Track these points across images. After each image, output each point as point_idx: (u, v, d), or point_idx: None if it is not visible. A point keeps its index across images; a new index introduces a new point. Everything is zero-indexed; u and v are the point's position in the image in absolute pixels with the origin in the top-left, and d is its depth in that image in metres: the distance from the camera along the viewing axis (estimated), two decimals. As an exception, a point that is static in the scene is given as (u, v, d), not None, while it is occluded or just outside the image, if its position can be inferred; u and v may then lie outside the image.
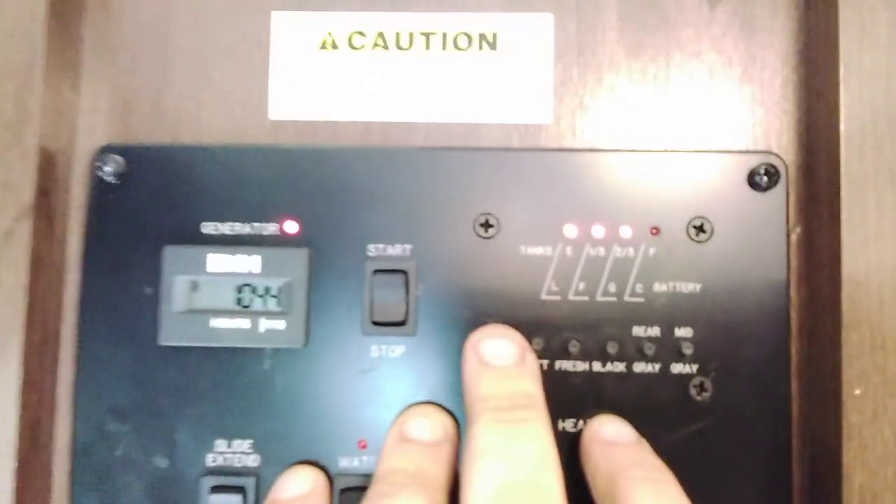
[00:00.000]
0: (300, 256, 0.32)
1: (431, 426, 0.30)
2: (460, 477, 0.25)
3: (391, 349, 0.32)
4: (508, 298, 0.32)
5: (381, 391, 0.32)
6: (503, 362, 0.28)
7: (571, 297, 0.32)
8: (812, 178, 0.32)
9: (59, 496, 0.33)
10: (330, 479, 0.31)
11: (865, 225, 0.29)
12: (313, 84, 0.34)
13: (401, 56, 0.34)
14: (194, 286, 0.32)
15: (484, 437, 0.25)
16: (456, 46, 0.34)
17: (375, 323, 0.32)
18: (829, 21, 0.31)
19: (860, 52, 0.30)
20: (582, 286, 0.32)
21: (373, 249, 0.32)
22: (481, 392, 0.27)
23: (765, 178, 0.32)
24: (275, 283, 0.32)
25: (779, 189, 0.32)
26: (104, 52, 0.34)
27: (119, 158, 0.33)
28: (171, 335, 0.32)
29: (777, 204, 0.32)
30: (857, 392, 0.29)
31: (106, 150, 0.33)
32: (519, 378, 0.27)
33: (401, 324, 0.32)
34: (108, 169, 0.32)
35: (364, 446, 0.32)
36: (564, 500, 0.23)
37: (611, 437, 0.29)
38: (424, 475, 0.27)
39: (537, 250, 0.32)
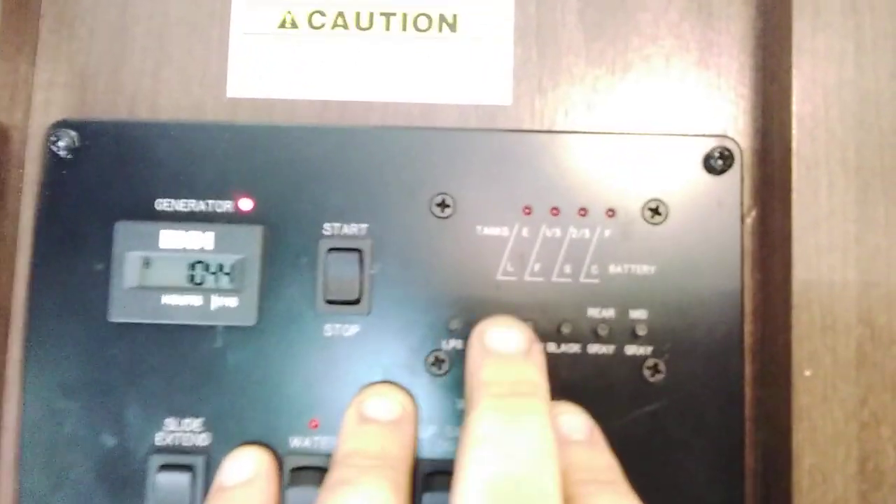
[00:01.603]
0: (254, 233, 0.32)
1: (390, 405, 0.29)
2: (455, 462, 0.23)
3: (345, 328, 0.32)
4: (464, 278, 0.32)
5: (335, 370, 0.32)
6: (508, 350, 0.26)
7: (527, 277, 0.32)
8: (767, 162, 0.32)
9: (6, 474, 0.32)
10: (279, 458, 0.31)
11: (817, 206, 0.29)
12: (272, 62, 0.34)
13: (361, 36, 0.34)
14: (146, 262, 0.32)
15: (482, 424, 0.23)
16: (416, 27, 0.34)
17: (329, 301, 0.32)
18: (783, 5, 0.31)
19: (813, 35, 0.30)
20: (538, 267, 0.32)
21: (328, 228, 0.32)
22: (483, 377, 0.25)
23: (720, 162, 0.32)
24: (228, 261, 0.32)
25: (733, 172, 0.32)
26: (61, 27, 0.34)
27: (73, 133, 0.32)
28: (121, 312, 0.31)
29: (732, 187, 0.32)
30: (808, 373, 0.29)
31: (60, 125, 0.32)
32: (523, 366, 0.26)
33: (355, 302, 0.32)
34: (61, 144, 0.32)
35: (316, 426, 0.31)
36: (560, 496, 0.22)
37: (565, 432, 0.28)
38: (386, 456, 0.26)
39: (494, 231, 0.32)
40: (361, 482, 0.24)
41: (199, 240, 0.32)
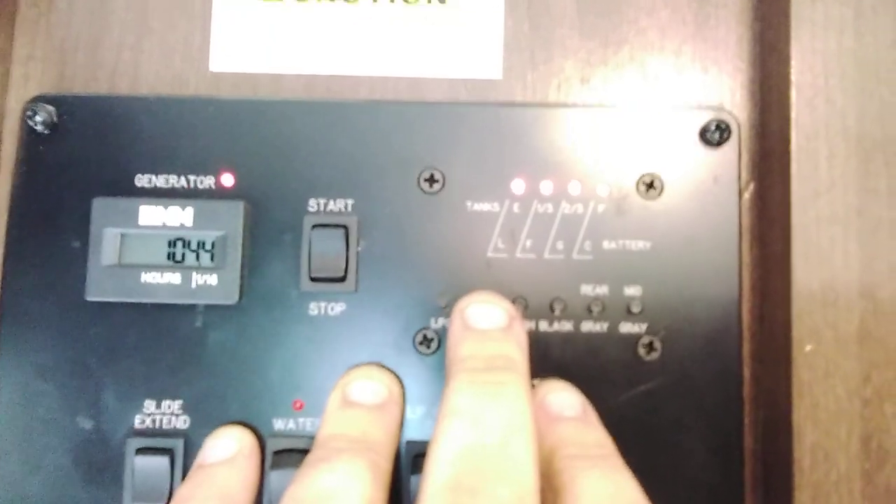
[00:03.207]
0: (235, 209, 0.31)
1: (375, 388, 0.28)
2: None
3: (331, 306, 0.31)
4: (453, 255, 0.31)
5: (320, 350, 0.31)
6: (487, 326, 0.26)
7: (518, 254, 0.31)
8: (765, 136, 0.31)
9: (-22, 459, 0.31)
10: (261, 439, 0.30)
11: (816, 176, 0.28)
12: (256, 36, 0.33)
13: (348, 8, 0.33)
14: (124, 239, 0.31)
15: (456, 397, 0.23)
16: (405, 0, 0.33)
17: (314, 279, 0.30)
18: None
19: (812, 3, 0.29)
20: (529, 243, 0.31)
21: (313, 204, 0.31)
22: (460, 352, 0.25)
23: (716, 135, 0.31)
24: (209, 238, 0.31)
25: (731, 145, 0.31)
26: (40, 0, 0.33)
27: (50, 108, 0.31)
28: (98, 290, 0.30)
29: (729, 160, 0.31)
30: (809, 348, 0.28)
31: (37, 100, 0.31)
32: (501, 342, 0.25)
33: (341, 280, 0.30)
34: (38, 119, 0.31)
35: (300, 407, 0.30)
36: (535, 469, 0.21)
37: (556, 409, 0.27)
38: (366, 440, 0.26)
39: (484, 206, 0.31)
40: (339, 460, 0.24)
41: (180, 216, 0.31)
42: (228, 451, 0.29)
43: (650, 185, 0.31)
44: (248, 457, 0.29)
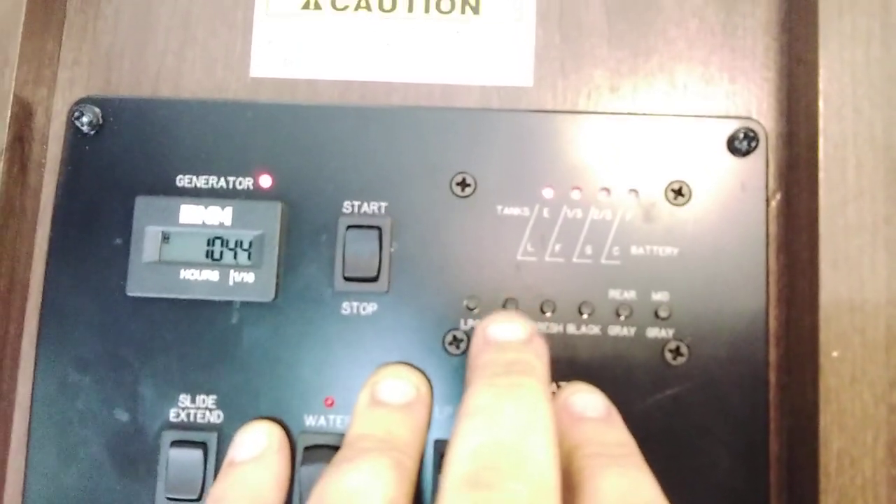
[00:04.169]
0: (273, 210, 0.31)
1: (403, 388, 0.29)
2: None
3: (363, 306, 0.31)
4: (484, 258, 0.32)
5: (351, 349, 0.31)
6: (507, 339, 0.27)
7: (548, 258, 0.31)
8: (792, 144, 0.32)
9: (17, 448, 0.32)
10: (290, 434, 0.31)
11: (844, 185, 0.29)
12: (295, 43, 0.34)
13: (383, 18, 0.34)
14: (165, 237, 0.32)
15: (475, 398, 0.23)
16: (439, 10, 0.34)
17: (347, 279, 0.31)
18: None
19: (840, 15, 0.30)
20: (558, 248, 0.32)
21: (348, 206, 0.32)
22: (480, 361, 0.25)
23: (744, 143, 0.31)
24: (246, 237, 0.31)
25: (758, 154, 0.32)
26: (88, 6, 0.35)
27: (96, 109, 0.32)
28: (139, 286, 0.31)
29: (756, 169, 0.32)
30: (835, 354, 0.28)
31: (83, 101, 0.33)
32: (521, 351, 0.26)
33: (373, 280, 0.31)
34: (84, 120, 0.32)
35: (331, 404, 0.31)
36: (555, 467, 0.21)
37: (579, 409, 0.27)
38: (392, 439, 0.26)
39: (514, 211, 0.32)
40: (363, 460, 0.24)
41: (219, 215, 0.31)
42: (258, 447, 0.29)
43: (678, 193, 0.31)
44: (278, 452, 0.29)
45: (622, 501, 0.22)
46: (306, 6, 0.34)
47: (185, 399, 0.31)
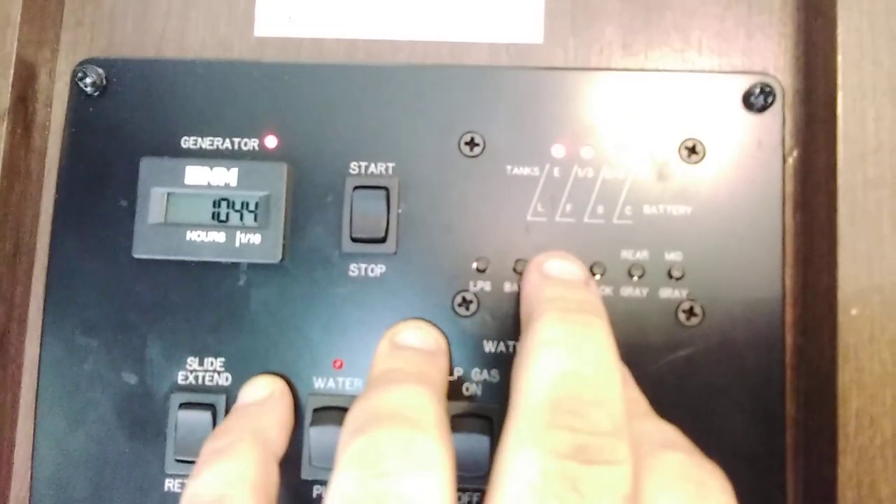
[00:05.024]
0: (278, 170, 0.31)
1: (425, 336, 0.29)
2: (514, 372, 0.23)
3: (371, 268, 0.31)
4: (493, 219, 0.31)
5: (360, 310, 0.31)
6: (570, 277, 0.27)
7: (558, 218, 0.31)
8: (810, 100, 0.31)
9: (26, 412, 0.32)
10: (296, 396, 0.30)
11: (864, 138, 0.28)
12: (299, 1, 0.33)
13: (390, -25, 0.33)
14: (171, 198, 0.31)
15: (548, 329, 0.23)
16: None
17: (355, 240, 0.31)
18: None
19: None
20: (569, 208, 0.31)
21: (355, 166, 0.31)
22: (547, 294, 0.25)
23: (760, 99, 0.31)
24: (252, 198, 0.31)
25: (775, 110, 0.31)
26: (90, -35, 0.34)
27: (100, 70, 0.32)
28: (145, 247, 0.31)
29: (773, 125, 0.31)
30: (854, 312, 0.27)
31: (87, 62, 0.32)
32: (587, 292, 0.26)
33: (381, 241, 0.31)
34: (88, 81, 0.32)
35: (340, 366, 0.31)
36: (623, 403, 0.21)
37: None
38: (424, 375, 0.26)
39: (524, 170, 0.31)
40: (402, 383, 0.24)
41: (224, 176, 0.31)
42: (261, 393, 0.29)
43: (692, 150, 0.31)
44: (280, 398, 0.29)
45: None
46: (311, -36, 0.33)
47: (192, 361, 0.31)
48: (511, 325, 0.30)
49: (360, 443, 0.21)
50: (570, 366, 0.22)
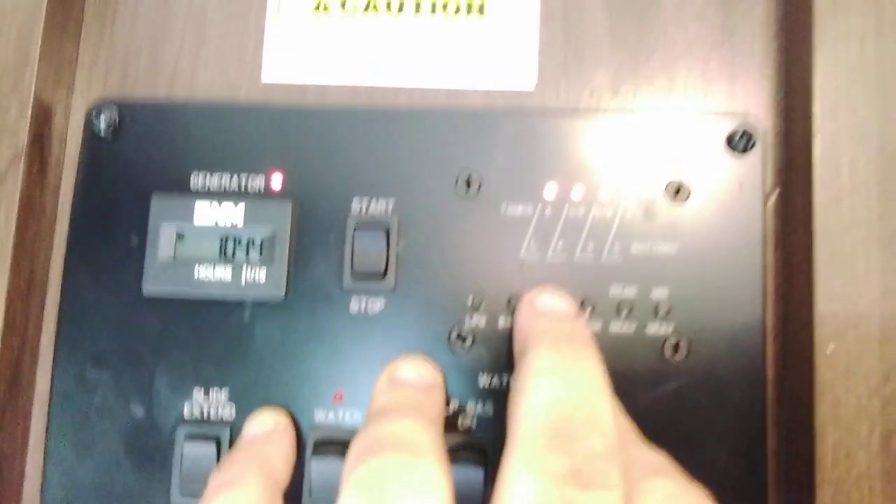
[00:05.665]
0: (283, 208, 0.32)
1: (421, 371, 0.30)
2: (510, 402, 0.24)
3: (371, 303, 0.32)
4: (488, 257, 0.32)
5: (360, 345, 0.32)
6: (560, 311, 0.28)
7: (550, 256, 0.32)
8: (789, 142, 0.33)
9: (36, 444, 0.33)
10: (298, 428, 0.32)
11: (839, 182, 0.30)
12: (305, 48, 0.35)
13: (391, 20, 0.35)
14: (180, 235, 0.33)
15: (541, 359, 0.24)
16: (444, 11, 0.35)
17: (355, 276, 0.32)
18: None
19: (834, 14, 0.30)
20: (560, 246, 0.32)
21: (356, 205, 0.33)
22: (538, 327, 0.27)
23: (742, 142, 0.32)
24: (258, 235, 0.32)
25: (756, 152, 0.32)
26: (105, 9, 0.36)
27: (113, 112, 0.33)
28: (154, 285, 0.32)
29: (754, 167, 0.32)
30: (830, 349, 0.29)
31: (101, 104, 0.34)
32: (576, 323, 0.27)
33: (381, 278, 0.32)
34: (101, 122, 0.33)
35: (341, 399, 0.32)
36: (614, 431, 0.23)
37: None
38: (422, 408, 0.27)
39: (517, 210, 0.33)
40: (401, 415, 0.25)
41: (231, 213, 0.32)
42: (265, 426, 0.31)
43: (677, 191, 0.32)
44: (284, 431, 0.31)
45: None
46: (317, 8, 0.35)
47: (198, 395, 0.32)
48: (505, 360, 0.32)
49: (362, 471, 0.22)
50: (564, 393, 0.23)
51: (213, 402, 0.32)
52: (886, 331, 0.29)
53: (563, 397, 0.23)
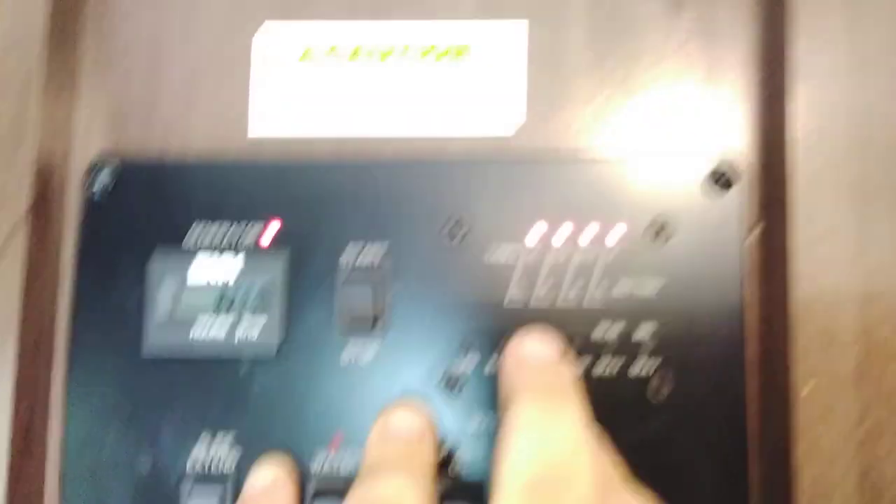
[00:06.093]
0: (277, 263, 0.34)
1: (412, 417, 0.31)
2: (495, 456, 0.26)
3: (363, 351, 0.33)
4: (474, 303, 0.33)
5: (353, 392, 0.33)
6: (543, 357, 0.29)
7: (533, 301, 0.33)
8: (771, 179, 0.33)
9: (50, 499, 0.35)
10: (301, 479, 0.33)
11: (818, 221, 0.30)
12: (291, 99, 0.36)
13: (376, 67, 0.35)
14: (176, 294, 0.34)
15: (523, 415, 0.26)
16: (429, 58, 0.35)
17: (347, 326, 0.33)
18: (783, 26, 0.31)
19: (813, 54, 0.31)
20: (544, 291, 0.33)
21: (346, 258, 0.34)
22: (520, 382, 0.28)
23: (723, 179, 0.32)
24: (253, 290, 0.34)
25: (738, 189, 0.33)
26: (100, 68, 0.37)
27: (107, 173, 0.35)
28: (153, 347, 0.34)
29: (736, 204, 0.33)
30: (808, 388, 0.29)
31: (95, 165, 0.35)
32: (558, 373, 0.28)
33: (372, 325, 0.33)
34: (97, 183, 0.34)
35: (337, 445, 0.33)
36: (594, 478, 0.24)
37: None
38: (412, 462, 0.28)
39: (501, 258, 0.33)
40: (391, 473, 0.27)
41: (226, 268, 0.34)
42: (266, 480, 0.32)
43: (661, 229, 0.33)
44: (284, 485, 0.32)
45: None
46: (304, 57, 0.36)
47: (199, 450, 0.33)
48: (495, 403, 0.33)
49: None
50: (541, 450, 0.24)
51: (213, 456, 0.33)
52: (860, 373, 0.29)
53: (541, 455, 0.24)
